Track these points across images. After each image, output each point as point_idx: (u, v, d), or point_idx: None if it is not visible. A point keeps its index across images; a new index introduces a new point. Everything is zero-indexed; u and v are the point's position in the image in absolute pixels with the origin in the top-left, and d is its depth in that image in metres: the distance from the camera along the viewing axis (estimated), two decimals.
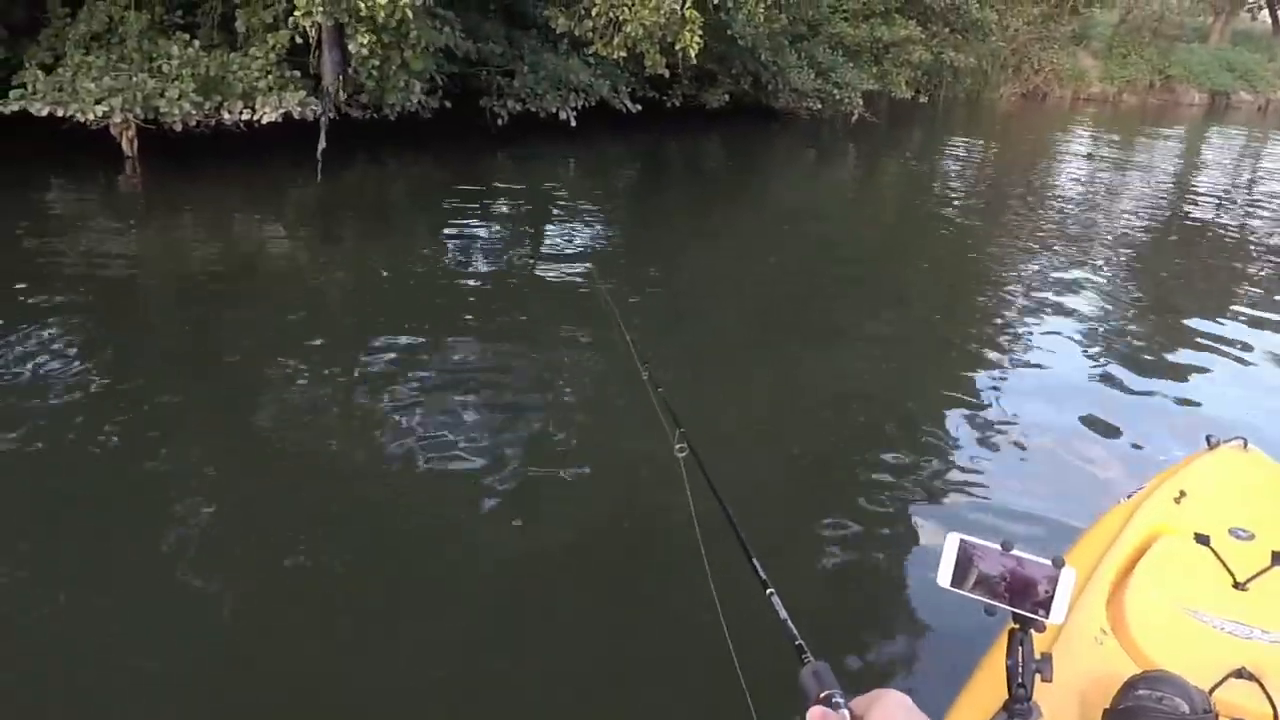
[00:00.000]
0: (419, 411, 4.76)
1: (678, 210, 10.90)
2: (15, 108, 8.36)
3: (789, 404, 5.38)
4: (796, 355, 6.20)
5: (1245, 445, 3.08)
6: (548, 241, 8.96)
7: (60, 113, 8.41)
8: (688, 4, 9.06)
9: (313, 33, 8.06)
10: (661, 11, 8.79)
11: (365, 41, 7.79)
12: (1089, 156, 18.04)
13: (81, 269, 6.86)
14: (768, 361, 6.08)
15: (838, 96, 15.86)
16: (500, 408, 4.89)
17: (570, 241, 8.92)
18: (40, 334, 5.41)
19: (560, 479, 4.14)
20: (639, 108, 13.48)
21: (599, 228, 9.71)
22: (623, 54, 9.75)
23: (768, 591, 1.61)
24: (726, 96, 15.22)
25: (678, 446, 2.47)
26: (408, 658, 3.01)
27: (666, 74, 11.06)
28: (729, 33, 12.86)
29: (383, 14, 7.35)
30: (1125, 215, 12.27)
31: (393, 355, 5.53)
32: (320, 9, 7.24)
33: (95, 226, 8.21)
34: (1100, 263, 9.26)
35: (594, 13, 9.39)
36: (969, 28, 18.13)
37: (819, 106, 16.09)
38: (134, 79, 8.54)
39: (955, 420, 5.10)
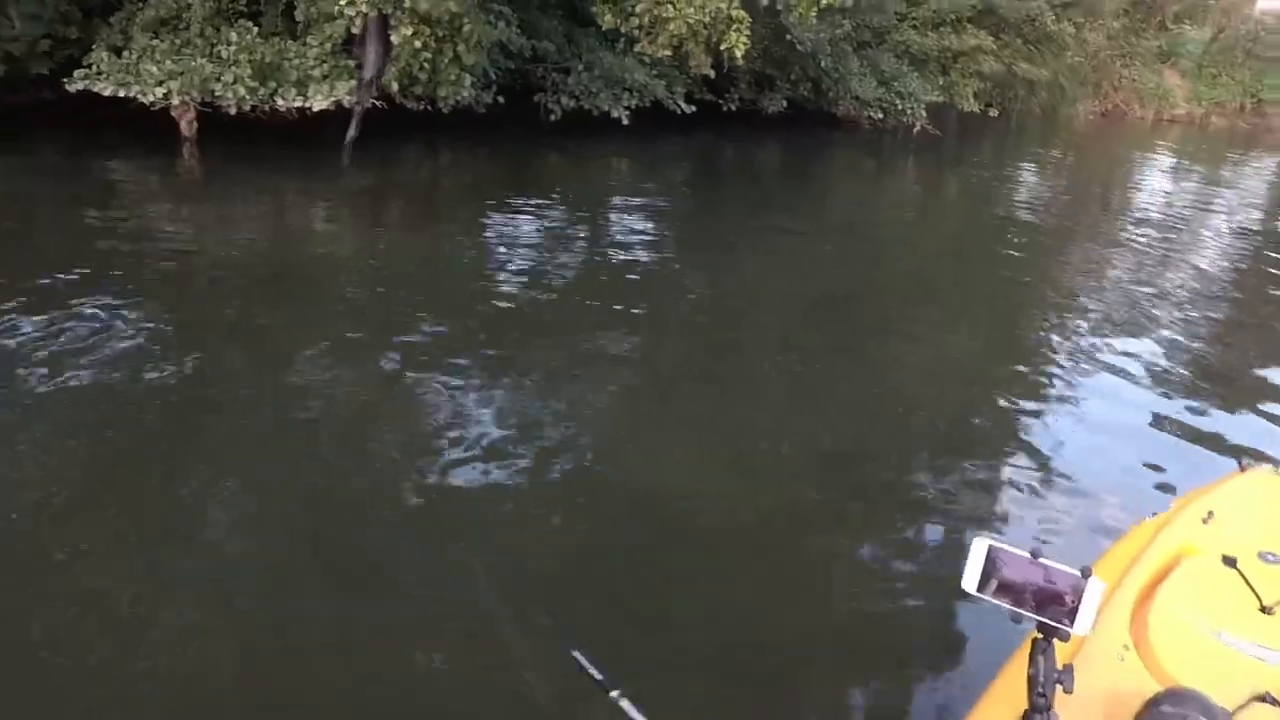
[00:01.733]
0: (445, 404, 4.77)
1: (730, 216, 10.76)
2: (80, 86, 8.71)
3: (828, 410, 5.30)
4: (842, 365, 6.10)
5: (1277, 469, 3.06)
6: (592, 242, 8.94)
7: (123, 93, 8.70)
8: (734, 3, 8.98)
9: (358, 24, 8.19)
10: (706, 10, 8.73)
11: (409, 34, 7.88)
12: (1170, 180, 17.41)
13: (136, 244, 7.08)
14: (810, 370, 5.97)
15: (900, 106, 15.58)
16: (518, 414, 4.82)
17: (615, 243, 8.86)
18: (97, 303, 5.58)
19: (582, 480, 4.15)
20: (693, 109, 13.41)
21: (646, 231, 9.62)
22: (667, 53, 9.72)
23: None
24: (784, 102, 15.08)
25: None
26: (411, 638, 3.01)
27: (713, 74, 10.97)
28: (788, 37, 12.73)
29: (425, 5, 7.42)
30: (1203, 245, 11.63)
31: (428, 345, 5.57)
32: (366, 0, 7.36)
33: (152, 204, 8.50)
34: (1170, 291, 8.69)
35: (638, 9, 9.36)
36: (1043, 40, 17.66)
37: (881, 116, 15.82)
38: (194, 63, 8.79)
39: (993, 431, 5.08)
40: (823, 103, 15.66)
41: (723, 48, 9.36)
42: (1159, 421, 5.38)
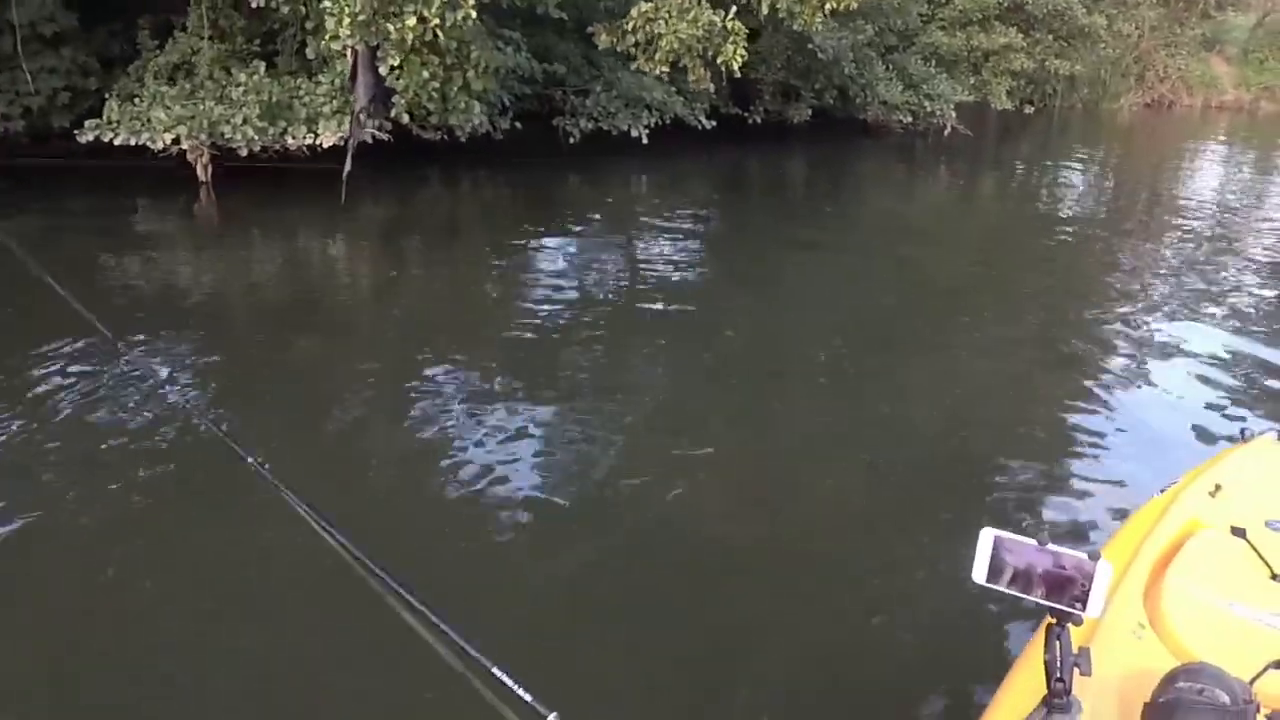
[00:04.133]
0: (467, 437, 4.68)
1: (757, 230, 10.52)
2: (90, 137, 8.78)
3: (864, 427, 5.18)
4: (880, 379, 5.91)
5: (1279, 437, 3.09)
6: (615, 263, 8.75)
7: (133, 141, 8.75)
8: (729, 16, 8.77)
9: (348, 57, 8.15)
10: (700, 24, 8.54)
11: (397, 63, 7.81)
12: (1221, 170, 16.74)
13: (157, 289, 7.16)
14: (847, 385, 5.81)
15: (929, 109, 15.20)
16: (547, 441, 4.74)
17: (639, 263, 8.67)
18: (122, 349, 5.55)
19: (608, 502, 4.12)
20: (713, 124, 13.18)
21: (671, 250, 9.33)
22: (665, 69, 9.52)
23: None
24: (810, 111, 14.80)
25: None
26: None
27: (712, 88, 10.75)
28: (809, 46, 12.48)
29: (410, 35, 7.33)
30: (1260, 236, 11.12)
31: (454, 376, 5.49)
32: (348, 33, 7.29)
33: (171, 250, 8.53)
34: (1224, 290, 8.25)
35: (632, 27, 9.20)
36: (1076, 34, 17.12)
37: (910, 120, 15.45)
38: (202, 107, 8.82)
39: (1037, 441, 4.96)
40: (850, 110, 15.35)
41: (718, 61, 9.12)
42: (1213, 427, 5.06)
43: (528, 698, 1.78)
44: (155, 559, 3.55)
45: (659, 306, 7.10)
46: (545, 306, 6.97)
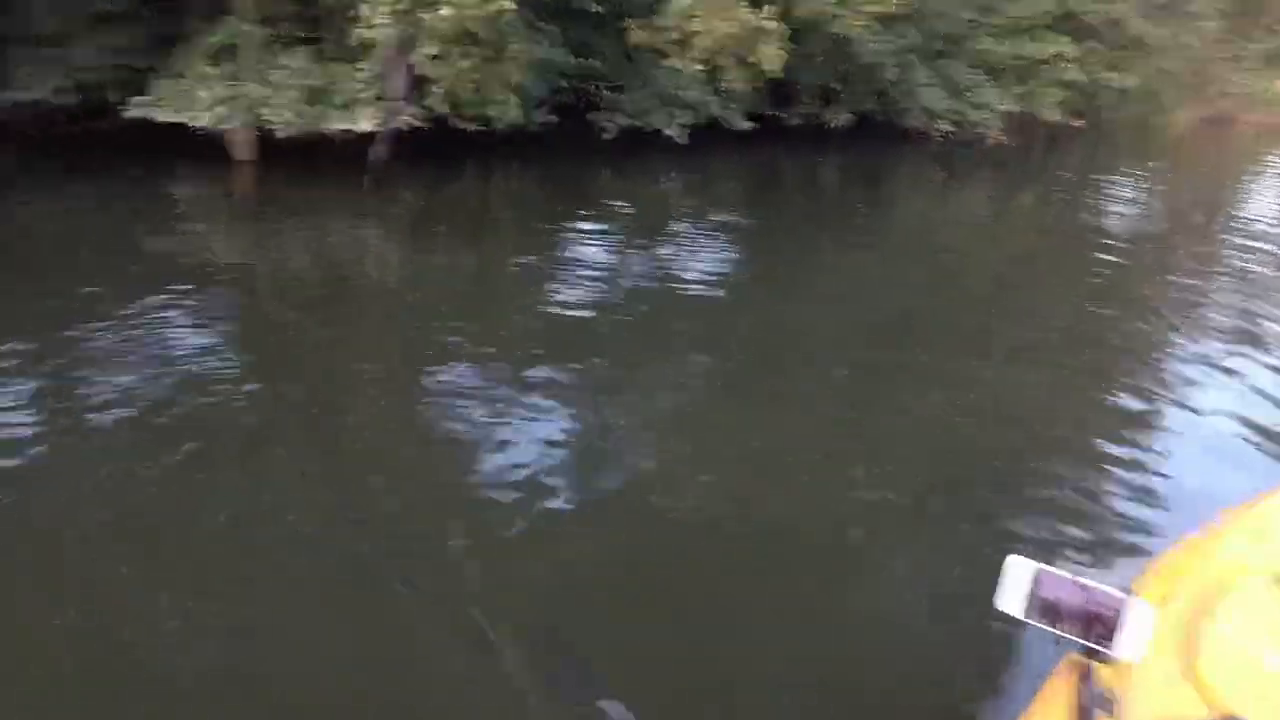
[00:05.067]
0: (496, 422, 4.81)
1: (790, 233, 10.48)
2: (135, 114, 9.04)
3: (893, 432, 5.18)
4: (908, 387, 5.89)
5: None
6: (646, 261, 8.83)
7: (176, 119, 9.01)
8: (764, 15, 8.75)
9: (384, 45, 8.30)
10: (737, 23, 8.52)
11: (434, 54, 7.93)
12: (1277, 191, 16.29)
13: (194, 263, 7.42)
14: (874, 391, 5.83)
15: (972, 118, 15.02)
16: (573, 433, 4.85)
17: (670, 262, 8.73)
18: (160, 318, 5.90)
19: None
20: (752, 125, 13.17)
21: (703, 249, 9.37)
22: (699, 67, 9.54)
23: None
24: (849, 115, 14.71)
25: None
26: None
27: (742, 88, 10.72)
28: (850, 49, 12.41)
29: (445, 25, 7.45)
30: None
31: (469, 367, 5.62)
32: (385, 21, 7.43)
33: (211, 227, 8.86)
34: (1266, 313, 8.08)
35: (668, 24, 9.22)
36: (1130, 45, 16.79)
37: (952, 128, 15.28)
38: (244, 89, 9.04)
39: (1067, 456, 4.94)
40: (891, 115, 15.22)
41: (750, 60, 9.11)
42: (1257, 464, 4.93)
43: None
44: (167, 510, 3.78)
45: (686, 304, 7.15)
46: (572, 299, 7.07)
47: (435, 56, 8.18)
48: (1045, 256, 10.61)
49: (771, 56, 8.92)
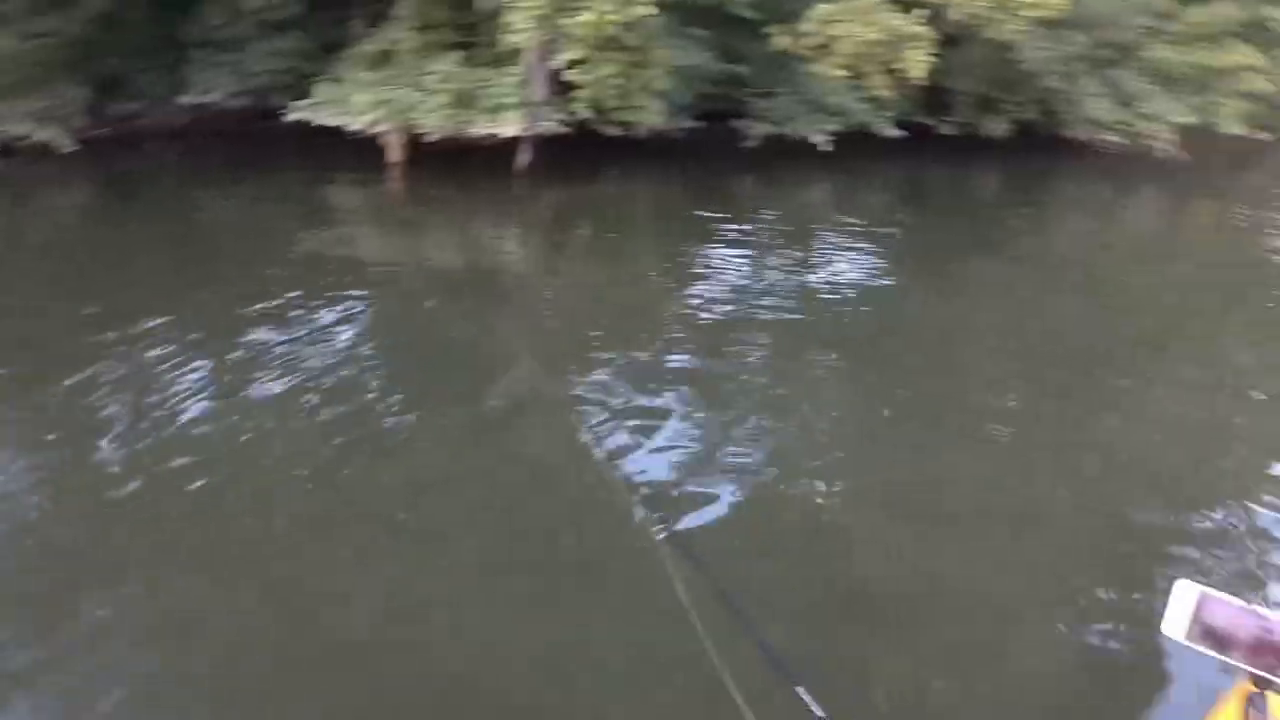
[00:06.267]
0: (622, 432, 4.89)
1: (938, 248, 9.97)
2: (297, 116, 9.50)
3: (1040, 458, 5.03)
4: (1062, 414, 5.64)
5: None
6: (788, 270, 8.60)
7: (333, 122, 9.43)
8: (912, 20, 8.37)
9: (528, 51, 8.40)
10: (880, 28, 8.20)
11: (578, 59, 7.99)
12: None
13: (344, 258, 7.87)
14: (1024, 416, 5.62)
15: (1141, 129, 14.02)
16: (717, 438, 4.89)
17: (814, 271, 8.50)
18: (315, 312, 6.38)
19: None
20: (902, 134, 12.69)
21: (848, 260, 9.05)
22: (841, 73, 9.22)
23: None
24: (1007, 124, 13.99)
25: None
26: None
27: (900, 95, 10.30)
28: (1009, 55, 11.80)
29: (583, 30, 7.47)
30: None
31: (604, 369, 5.72)
32: (528, 27, 7.52)
33: (362, 224, 9.31)
34: None
35: (809, 29, 8.96)
36: None
37: (1120, 140, 14.30)
38: (397, 93, 9.37)
39: (1197, 463, 4.92)
40: (1053, 126, 14.39)
41: (894, 67, 8.74)
42: None
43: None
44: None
45: (826, 320, 7.01)
46: (712, 304, 7.08)
47: (578, 62, 8.21)
48: (1219, 284, 9.71)
49: (917, 62, 8.52)
